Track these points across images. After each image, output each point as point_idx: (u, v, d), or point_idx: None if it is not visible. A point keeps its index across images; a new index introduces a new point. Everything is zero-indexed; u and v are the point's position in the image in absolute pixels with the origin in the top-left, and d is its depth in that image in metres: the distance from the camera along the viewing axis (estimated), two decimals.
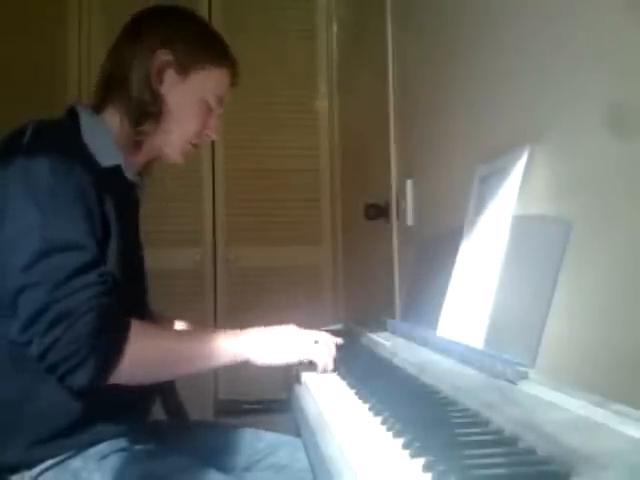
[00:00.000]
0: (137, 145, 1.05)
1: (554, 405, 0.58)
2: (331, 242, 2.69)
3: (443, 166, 1.44)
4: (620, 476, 0.40)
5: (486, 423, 0.58)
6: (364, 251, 2.25)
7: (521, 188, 0.91)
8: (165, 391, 1.24)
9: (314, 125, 2.71)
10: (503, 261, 0.89)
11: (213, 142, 2.58)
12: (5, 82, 2.36)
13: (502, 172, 0.96)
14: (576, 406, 0.57)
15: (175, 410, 1.22)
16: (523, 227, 0.88)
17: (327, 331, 1.08)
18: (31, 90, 2.37)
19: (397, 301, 1.75)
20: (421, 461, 0.49)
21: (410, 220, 1.68)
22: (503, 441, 0.53)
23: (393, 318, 1.54)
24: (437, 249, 1.24)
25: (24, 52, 2.42)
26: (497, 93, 1.13)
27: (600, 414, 0.53)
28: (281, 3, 2.71)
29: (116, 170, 1.00)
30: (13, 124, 0.95)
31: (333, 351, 0.98)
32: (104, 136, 1.00)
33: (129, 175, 1.05)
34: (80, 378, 0.81)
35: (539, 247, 0.82)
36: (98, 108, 1.05)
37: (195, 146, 1.14)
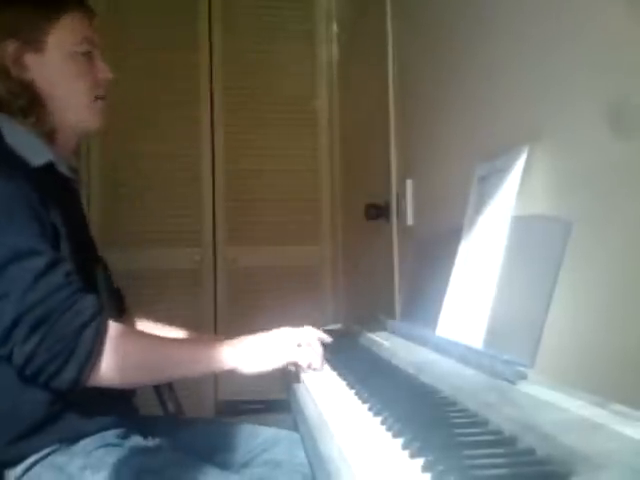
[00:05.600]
0: (50, 135, 1.02)
1: (553, 405, 0.58)
2: (331, 242, 2.69)
3: (443, 166, 1.44)
4: (619, 476, 0.40)
5: (485, 423, 0.58)
6: (364, 251, 2.25)
7: (520, 187, 0.91)
8: (161, 386, 1.24)
9: (314, 125, 2.71)
10: (503, 261, 0.89)
11: (213, 143, 2.58)
12: None
13: (501, 172, 0.96)
14: (575, 406, 0.57)
15: (170, 403, 1.21)
16: (523, 227, 0.88)
17: (327, 331, 1.08)
18: None
19: (397, 301, 1.75)
20: (420, 461, 0.49)
21: (410, 220, 1.68)
22: (502, 441, 0.53)
23: (393, 318, 1.54)
24: (437, 249, 1.24)
25: None
26: (496, 93, 1.13)
27: (599, 414, 0.53)
28: (281, 3, 2.71)
29: (49, 168, 0.98)
30: None
31: (319, 349, 0.99)
32: (27, 137, 0.98)
33: (63, 170, 1.03)
34: (63, 379, 0.82)
35: (539, 247, 0.82)
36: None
37: (102, 98, 1.08)
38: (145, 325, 1.25)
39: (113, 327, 0.87)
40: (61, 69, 1.03)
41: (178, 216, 2.54)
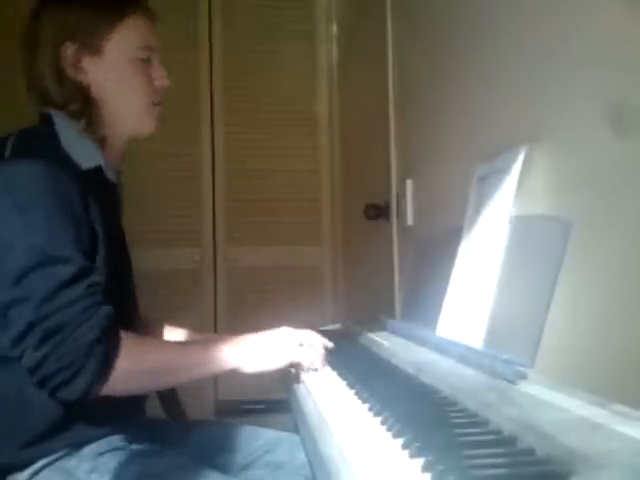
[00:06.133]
0: (101, 140, 1.02)
1: (553, 405, 0.58)
2: (331, 242, 2.69)
3: (443, 166, 1.44)
4: (619, 476, 0.40)
5: (485, 423, 0.58)
6: (364, 251, 2.25)
7: (519, 187, 0.91)
8: (164, 391, 1.23)
9: (314, 125, 2.71)
10: (502, 261, 0.89)
11: (213, 143, 2.58)
12: (5, 81, 2.35)
13: (501, 172, 0.96)
14: (575, 406, 0.57)
15: (174, 410, 1.21)
16: (523, 227, 0.88)
17: (326, 331, 1.09)
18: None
19: (397, 301, 1.75)
20: (420, 461, 0.50)
21: (410, 220, 1.68)
22: (502, 441, 0.53)
23: (393, 318, 1.54)
24: (436, 249, 1.24)
25: None
26: (496, 93, 1.13)
27: (599, 414, 0.53)
28: (281, 3, 2.71)
29: (97, 171, 0.98)
30: (11, 124, 0.96)
31: (320, 350, 1.00)
32: (80, 139, 0.98)
33: (110, 175, 1.03)
34: (71, 391, 0.81)
35: (539, 247, 0.82)
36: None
37: (157, 104, 1.09)
38: (159, 328, 1.26)
39: (125, 339, 0.86)
40: (119, 74, 1.02)
41: (178, 216, 2.54)
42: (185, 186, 2.55)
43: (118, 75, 1.02)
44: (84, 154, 0.96)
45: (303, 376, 0.94)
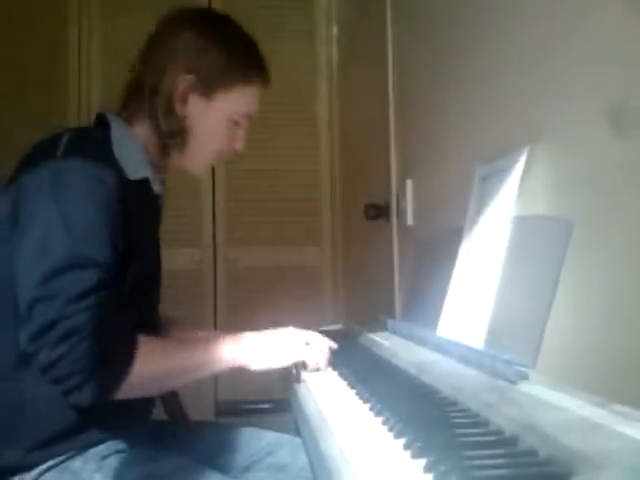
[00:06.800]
0: (161, 167, 1.06)
1: (554, 406, 0.58)
2: (331, 242, 2.69)
3: (443, 166, 1.44)
4: (620, 477, 0.40)
5: (486, 424, 0.58)
6: (364, 251, 2.25)
7: (521, 188, 0.91)
8: (166, 395, 1.23)
9: (314, 125, 2.71)
10: (504, 261, 0.89)
11: None
12: (4, 82, 2.36)
13: (502, 172, 0.96)
14: (576, 406, 0.57)
15: (176, 412, 1.21)
16: (524, 227, 0.88)
17: (327, 331, 1.09)
18: (30, 90, 2.36)
19: (397, 301, 1.75)
20: (422, 462, 0.49)
21: (410, 220, 1.68)
22: (503, 442, 0.53)
23: (393, 318, 1.54)
24: (437, 249, 1.24)
25: (23, 52, 2.42)
26: (497, 93, 1.13)
27: (600, 414, 0.53)
28: (281, 3, 2.71)
29: (143, 182, 0.99)
30: (11, 124, 0.95)
31: (325, 351, 1.00)
32: (133, 149, 0.99)
33: (155, 187, 1.04)
34: (84, 396, 0.81)
35: (540, 247, 0.82)
36: (128, 116, 1.03)
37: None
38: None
39: (142, 345, 0.86)
40: (212, 125, 1.05)
41: (178, 216, 2.53)
42: (185, 186, 2.55)
43: (210, 125, 1.05)
44: (133, 164, 0.97)
45: (304, 376, 0.95)
